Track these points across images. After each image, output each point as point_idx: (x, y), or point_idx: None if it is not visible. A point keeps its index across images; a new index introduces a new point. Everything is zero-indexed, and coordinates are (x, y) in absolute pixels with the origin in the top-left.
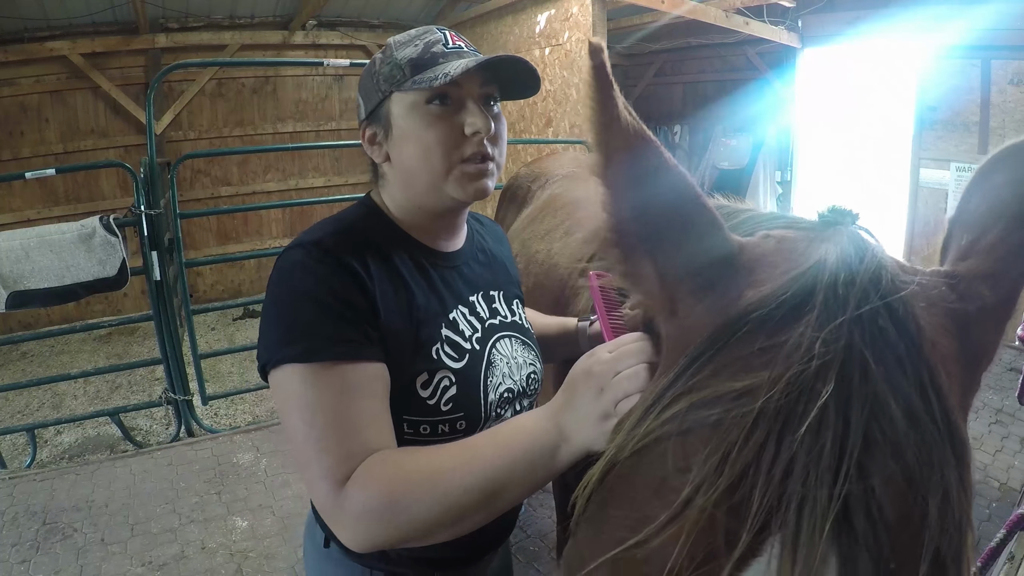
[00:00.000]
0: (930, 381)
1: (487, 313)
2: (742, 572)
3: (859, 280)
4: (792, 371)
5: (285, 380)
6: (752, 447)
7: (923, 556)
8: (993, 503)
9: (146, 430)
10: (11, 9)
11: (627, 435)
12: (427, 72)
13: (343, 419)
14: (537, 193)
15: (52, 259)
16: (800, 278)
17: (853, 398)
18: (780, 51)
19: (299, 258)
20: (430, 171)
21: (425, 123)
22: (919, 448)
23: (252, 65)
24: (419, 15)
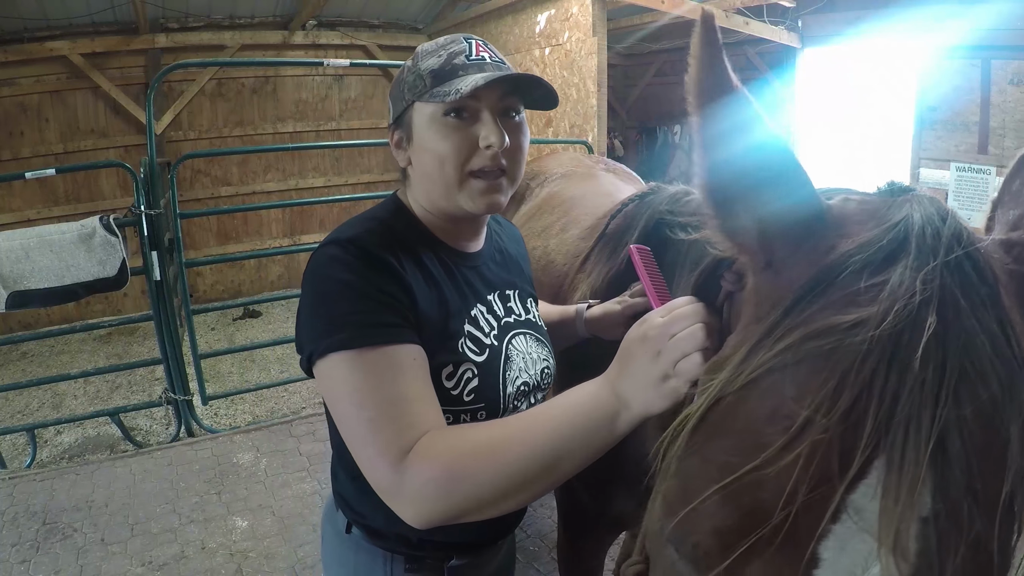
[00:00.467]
0: (1008, 321)
1: (503, 311)
2: (851, 493)
3: (944, 233)
4: (898, 305)
5: (332, 368)
6: (866, 373)
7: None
8: None
9: (146, 430)
10: (11, 9)
11: (735, 370)
12: (445, 85)
13: (393, 398)
14: (536, 191)
15: (52, 259)
16: (892, 229)
17: (949, 332)
18: (780, 51)
19: (335, 253)
20: (444, 181)
21: (442, 134)
22: (1003, 379)
23: (252, 65)
24: (419, 15)
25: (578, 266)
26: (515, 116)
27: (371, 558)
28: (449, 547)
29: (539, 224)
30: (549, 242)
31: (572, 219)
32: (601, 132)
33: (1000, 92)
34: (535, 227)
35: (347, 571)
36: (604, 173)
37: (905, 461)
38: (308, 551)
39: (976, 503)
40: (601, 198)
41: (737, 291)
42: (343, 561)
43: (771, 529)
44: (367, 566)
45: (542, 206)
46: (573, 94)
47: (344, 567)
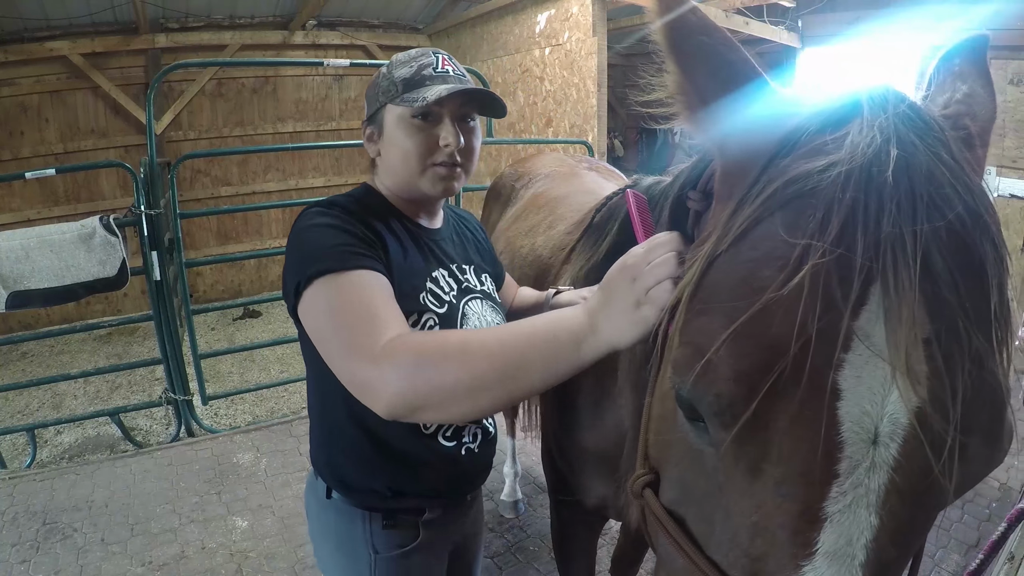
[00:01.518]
0: (960, 156)
1: (460, 281)
2: (856, 320)
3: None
4: (862, 145)
5: (315, 294)
6: (848, 199)
7: (991, 290)
8: (993, 503)
9: (146, 430)
10: (11, 9)
11: (723, 230)
12: (414, 92)
13: (368, 306)
14: (521, 192)
15: (52, 259)
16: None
17: (911, 162)
18: (780, 51)
19: (316, 210)
20: (408, 170)
21: (408, 133)
22: (966, 202)
23: (252, 65)
24: (419, 15)
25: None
26: (470, 122)
27: (350, 519)
28: (421, 498)
29: (526, 224)
30: (536, 240)
31: (558, 217)
32: (601, 132)
33: (1000, 92)
34: (522, 227)
35: (331, 537)
36: (587, 171)
37: (899, 281)
38: (308, 551)
39: (969, 320)
40: (585, 196)
41: (704, 210)
42: (326, 529)
43: (791, 363)
44: (348, 528)
45: (528, 207)
46: (573, 94)
47: (327, 535)
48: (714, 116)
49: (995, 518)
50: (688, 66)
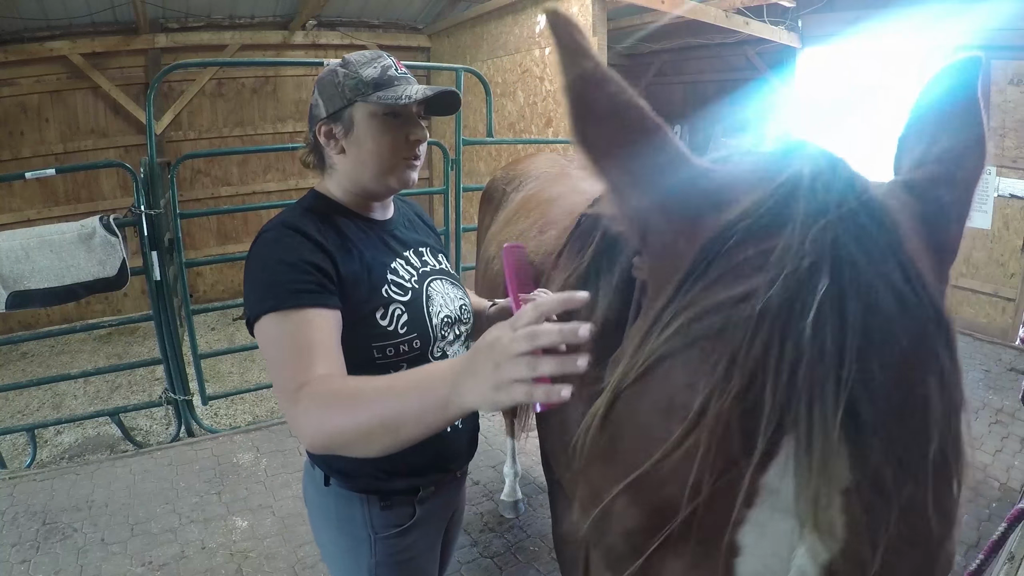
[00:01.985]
0: (913, 269)
1: (419, 263)
2: (762, 476)
3: (835, 185)
4: (787, 271)
5: (264, 328)
6: (759, 346)
7: (931, 433)
8: (993, 503)
9: (146, 430)
10: (11, 9)
11: (629, 362)
12: (389, 91)
13: (300, 346)
14: (512, 195)
15: (52, 259)
16: (780, 188)
17: (847, 291)
18: (780, 51)
19: (268, 236)
20: (380, 165)
21: (382, 130)
22: (912, 332)
23: (252, 65)
24: (419, 15)
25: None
26: (425, 119)
27: (349, 503)
28: (413, 476)
29: (516, 228)
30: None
31: (549, 220)
32: None
33: (1000, 92)
34: (513, 231)
35: (331, 523)
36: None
37: (814, 435)
38: (308, 551)
39: (901, 467)
40: (577, 196)
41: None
42: (327, 515)
43: (680, 525)
44: (347, 512)
45: (518, 210)
46: None
47: (328, 521)
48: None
49: (995, 518)
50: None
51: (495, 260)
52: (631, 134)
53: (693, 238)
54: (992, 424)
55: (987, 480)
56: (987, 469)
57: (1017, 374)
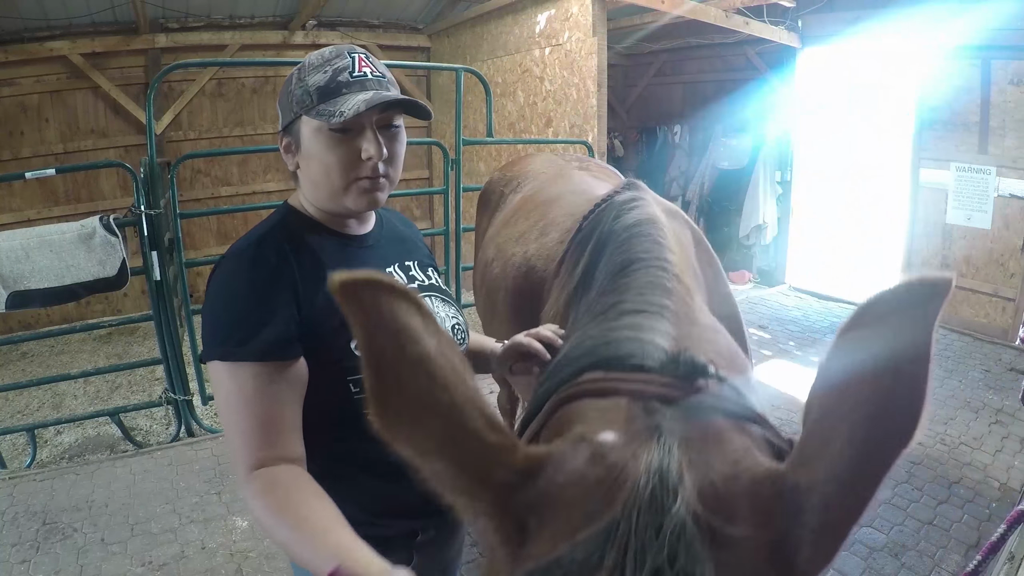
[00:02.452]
0: None
1: (405, 280)
2: None
3: (651, 561)
4: None
5: (218, 374)
6: None
7: None
8: (993, 503)
9: (146, 430)
10: (11, 9)
11: None
12: (330, 103)
13: (258, 416)
14: (510, 196)
15: (52, 259)
16: (586, 549)
17: None
18: (780, 51)
19: (228, 266)
20: (330, 186)
21: (327, 146)
22: None
23: (252, 65)
24: (419, 15)
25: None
26: (393, 127)
27: None
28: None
29: (516, 230)
30: (529, 247)
31: (550, 222)
32: (601, 132)
33: (1000, 92)
34: (512, 233)
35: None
36: (577, 171)
37: None
38: None
39: None
40: (577, 196)
41: None
42: None
43: None
44: None
45: (517, 211)
46: (573, 94)
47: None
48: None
49: (995, 518)
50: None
51: (494, 263)
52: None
53: (506, 563)
54: (992, 424)
55: (987, 480)
56: (987, 469)
57: (1017, 374)
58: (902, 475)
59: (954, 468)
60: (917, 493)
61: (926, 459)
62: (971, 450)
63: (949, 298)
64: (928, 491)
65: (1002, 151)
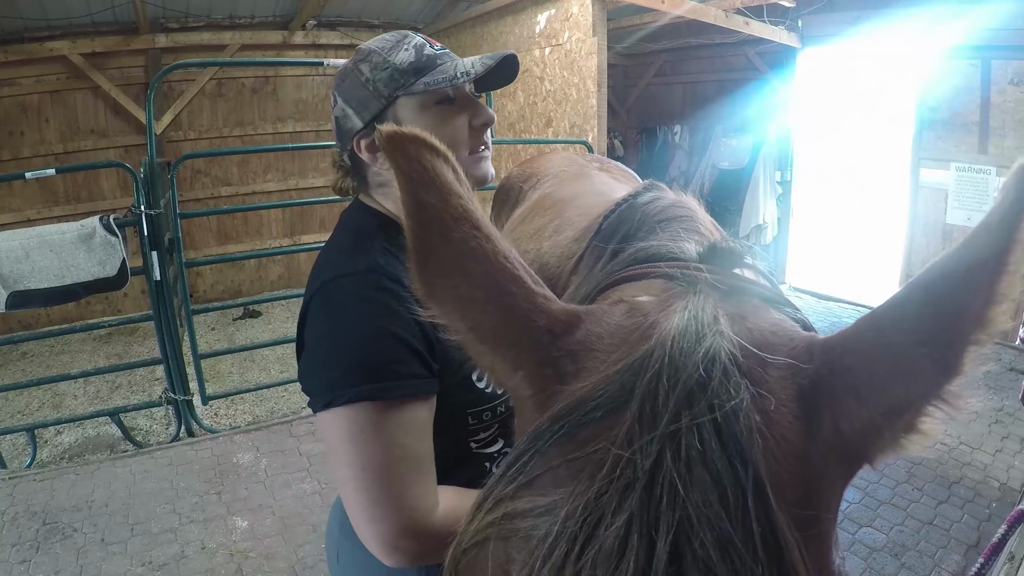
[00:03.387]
0: (755, 506)
1: None
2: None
3: (682, 384)
4: (592, 492)
5: (355, 417)
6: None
7: None
8: (993, 503)
9: (146, 430)
10: (11, 9)
11: (465, 529)
12: (434, 73)
13: (422, 459)
14: (529, 193)
15: (52, 259)
16: (621, 377)
17: (660, 523)
18: (780, 51)
19: (356, 288)
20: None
21: (438, 121)
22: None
23: (252, 65)
24: (419, 15)
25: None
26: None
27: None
28: None
29: (531, 227)
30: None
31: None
32: (601, 132)
33: (1000, 92)
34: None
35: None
36: (598, 172)
37: None
38: (308, 551)
39: None
40: (595, 198)
41: None
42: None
43: None
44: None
45: (533, 208)
46: (573, 94)
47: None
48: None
49: (995, 518)
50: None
51: None
52: (481, 290)
53: (537, 410)
54: (992, 424)
55: (987, 480)
56: (987, 469)
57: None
58: (902, 475)
59: (954, 468)
60: (917, 493)
61: (926, 459)
62: (971, 450)
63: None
64: (928, 491)
65: (1002, 151)
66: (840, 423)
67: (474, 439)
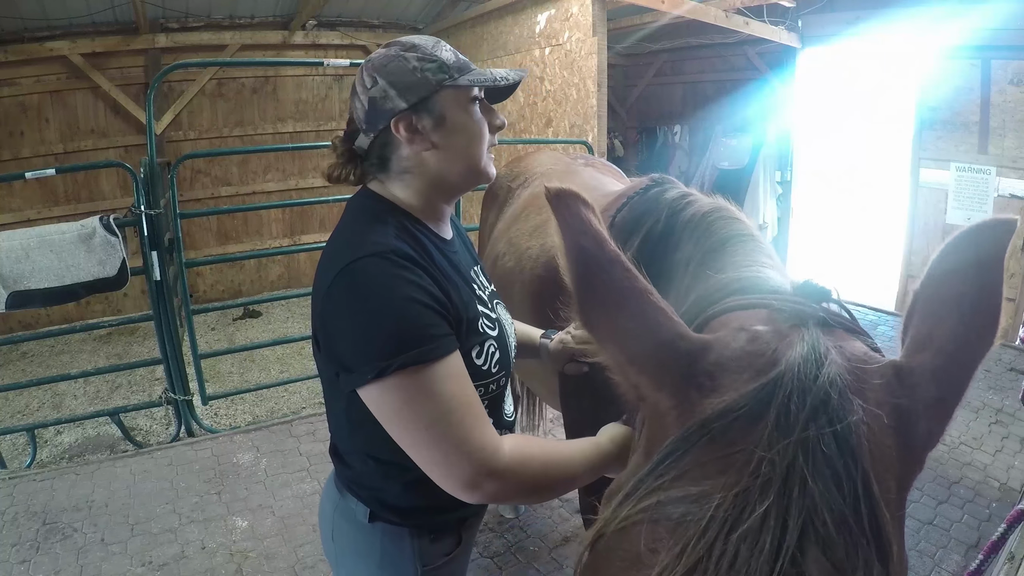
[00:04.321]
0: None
1: (486, 287)
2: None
3: (810, 401)
4: (740, 485)
5: (400, 387)
6: (704, 543)
7: None
8: (993, 503)
9: (146, 430)
10: (11, 9)
11: (612, 512)
12: (472, 74)
13: (470, 402)
14: (518, 192)
15: (52, 259)
16: (758, 393)
17: (792, 508)
18: (780, 51)
19: (382, 267)
20: (476, 156)
21: (474, 117)
22: (847, 549)
23: (252, 65)
24: (419, 15)
25: None
26: None
27: (397, 539)
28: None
29: (529, 224)
30: (547, 240)
31: None
32: (601, 132)
33: (1000, 92)
34: (525, 227)
35: (372, 559)
36: (584, 167)
37: None
38: (308, 551)
39: None
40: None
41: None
42: (367, 551)
43: None
44: (394, 547)
45: (528, 206)
46: (573, 94)
47: (367, 557)
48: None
49: (995, 518)
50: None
51: (506, 257)
52: (634, 321)
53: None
54: (992, 424)
55: (987, 480)
56: (987, 469)
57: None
58: None
59: (954, 468)
60: (917, 493)
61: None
62: (971, 450)
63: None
64: (928, 491)
65: (1002, 151)
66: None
67: None
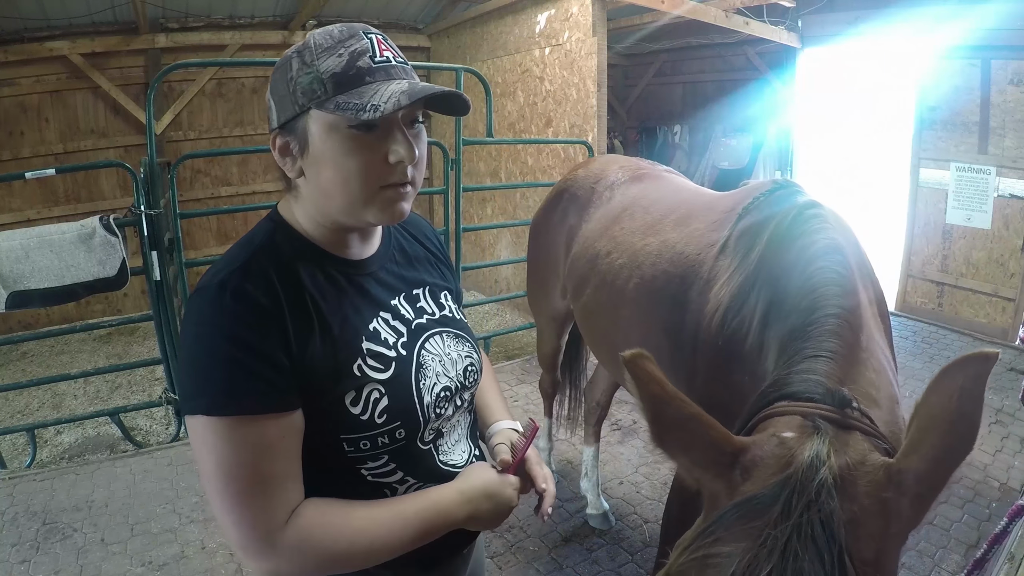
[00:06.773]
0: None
1: (412, 314)
2: None
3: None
4: (753, 551)
5: (199, 429)
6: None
7: None
8: (993, 503)
9: (146, 430)
10: (11, 9)
11: (675, 558)
12: (352, 93)
13: (263, 477)
14: (605, 194)
15: (52, 259)
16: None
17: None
18: (780, 51)
19: (204, 305)
20: (348, 197)
21: (346, 148)
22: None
23: (252, 65)
24: (419, 15)
25: (715, 254)
26: (417, 125)
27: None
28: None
29: (639, 223)
30: (668, 236)
31: (687, 213)
32: (601, 132)
33: (1000, 92)
34: (634, 226)
35: None
36: (666, 173)
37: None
38: None
39: None
40: (687, 194)
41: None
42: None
43: None
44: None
45: (630, 207)
46: (573, 94)
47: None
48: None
49: (995, 518)
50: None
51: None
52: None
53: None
54: (992, 424)
55: (987, 480)
56: (987, 469)
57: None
58: None
59: None
60: None
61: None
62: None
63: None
64: None
65: (1002, 151)
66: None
67: (363, 467)
